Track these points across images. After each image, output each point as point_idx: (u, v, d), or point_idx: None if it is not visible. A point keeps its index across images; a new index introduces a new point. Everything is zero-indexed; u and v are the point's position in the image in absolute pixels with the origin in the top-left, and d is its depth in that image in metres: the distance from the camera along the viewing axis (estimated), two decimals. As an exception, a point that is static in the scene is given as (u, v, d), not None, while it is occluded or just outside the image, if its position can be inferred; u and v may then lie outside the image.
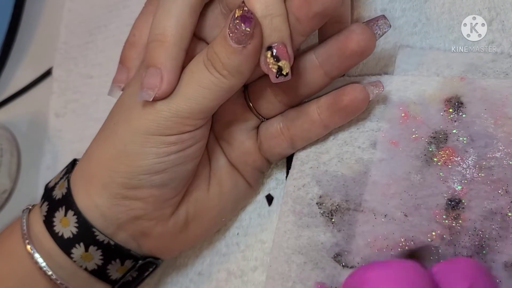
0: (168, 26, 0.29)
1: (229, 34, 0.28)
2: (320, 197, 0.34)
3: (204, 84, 0.29)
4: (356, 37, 0.31)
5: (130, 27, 0.35)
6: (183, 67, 0.30)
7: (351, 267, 0.32)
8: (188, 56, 0.31)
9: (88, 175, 0.32)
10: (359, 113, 0.33)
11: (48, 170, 0.47)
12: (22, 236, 0.32)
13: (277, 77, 0.29)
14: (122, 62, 0.32)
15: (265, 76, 0.30)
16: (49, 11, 0.53)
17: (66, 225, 0.31)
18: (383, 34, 0.32)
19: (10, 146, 0.48)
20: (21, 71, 0.53)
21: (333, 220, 0.34)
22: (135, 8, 0.47)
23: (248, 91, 0.35)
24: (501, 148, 0.32)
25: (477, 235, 0.31)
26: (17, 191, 0.49)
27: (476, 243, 0.31)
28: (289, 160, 0.36)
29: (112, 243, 0.32)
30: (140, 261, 0.33)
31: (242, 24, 0.27)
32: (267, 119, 0.35)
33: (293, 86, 0.33)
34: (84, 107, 0.48)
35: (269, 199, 0.37)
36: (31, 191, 0.48)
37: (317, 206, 0.34)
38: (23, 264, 0.32)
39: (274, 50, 0.28)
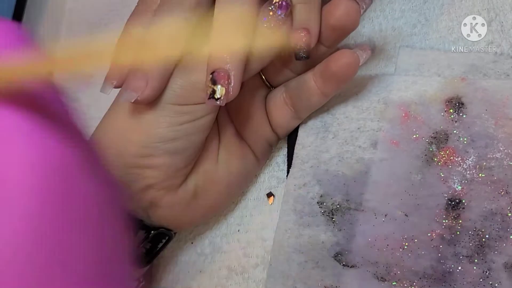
0: (163, 35, 0.30)
1: (263, 17, 0.29)
2: (321, 196, 0.34)
3: None
4: (337, 12, 0.31)
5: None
6: None
7: (352, 267, 0.33)
8: None
9: (101, 147, 0.32)
10: (350, 78, 0.33)
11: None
12: None
13: (208, 99, 0.29)
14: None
15: None
16: (50, 11, 0.53)
17: None
18: (367, 9, 0.33)
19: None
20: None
21: (333, 219, 0.34)
22: (136, 8, 0.47)
23: None
24: (501, 148, 0.32)
25: (477, 235, 0.31)
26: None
27: (476, 243, 0.31)
28: (290, 158, 0.37)
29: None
30: (152, 232, 0.33)
31: (277, 10, 0.29)
32: (274, 87, 0.36)
33: None
34: (85, 106, 0.48)
35: (270, 197, 0.37)
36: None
37: (318, 206, 0.34)
38: None
39: (215, 74, 0.29)
